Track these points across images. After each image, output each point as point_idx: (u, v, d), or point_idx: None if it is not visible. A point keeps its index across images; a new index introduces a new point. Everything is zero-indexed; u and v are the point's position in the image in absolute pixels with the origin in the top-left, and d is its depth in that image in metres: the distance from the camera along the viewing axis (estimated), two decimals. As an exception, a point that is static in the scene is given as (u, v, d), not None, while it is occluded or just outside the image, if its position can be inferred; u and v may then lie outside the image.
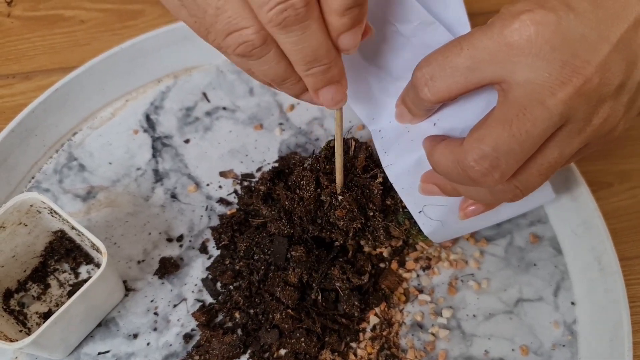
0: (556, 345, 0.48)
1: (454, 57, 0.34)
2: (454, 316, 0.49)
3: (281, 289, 0.45)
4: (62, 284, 0.49)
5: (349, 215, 0.45)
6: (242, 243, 0.48)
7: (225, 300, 0.48)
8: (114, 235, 0.51)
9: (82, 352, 0.46)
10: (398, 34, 0.39)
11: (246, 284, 0.47)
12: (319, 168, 0.47)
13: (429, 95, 0.36)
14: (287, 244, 0.46)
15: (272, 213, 0.48)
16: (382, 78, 0.43)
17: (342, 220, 0.45)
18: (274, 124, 0.57)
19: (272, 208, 0.48)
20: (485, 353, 0.48)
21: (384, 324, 0.48)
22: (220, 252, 0.50)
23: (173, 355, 0.46)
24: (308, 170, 0.46)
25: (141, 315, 0.48)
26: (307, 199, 0.45)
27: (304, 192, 0.46)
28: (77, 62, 0.57)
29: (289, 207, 0.46)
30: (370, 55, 0.42)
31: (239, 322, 0.47)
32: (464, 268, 0.51)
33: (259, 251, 0.48)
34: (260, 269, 0.47)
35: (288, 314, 0.45)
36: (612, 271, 0.48)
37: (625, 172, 0.57)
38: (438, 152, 0.38)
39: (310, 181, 0.45)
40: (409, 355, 0.47)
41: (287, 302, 0.45)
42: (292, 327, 0.45)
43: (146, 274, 0.50)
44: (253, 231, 0.49)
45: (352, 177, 0.46)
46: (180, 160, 0.55)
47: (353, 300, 0.46)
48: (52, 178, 0.54)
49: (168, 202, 0.53)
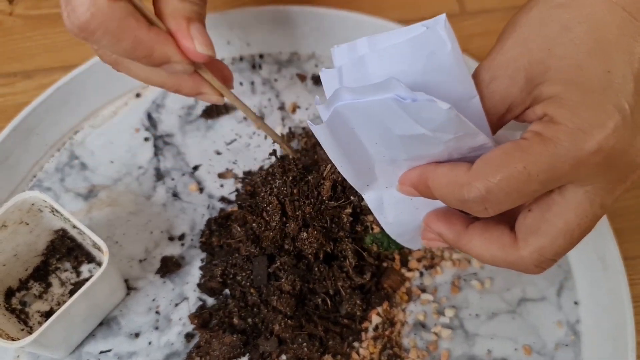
0: (559, 345, 0.48)
1: (522, 185, 0.30)
2: (456, 316, 0.49)
3: (277, 298, 0.45)
4: (63, 282, 0.49)
5: (317, 244, 0.45)
6: (217, 268, 0.48)
7: (220, 307, 0.47)
8: (116, 234, 0.51)
9: (84, 351, 0.46)
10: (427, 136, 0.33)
11: (240, 294, 0.47)
12: (286, 193, 0.45)
13: (489, 213, 0.32)
14: (266, 261, 0.46)
15: (240, 234, 0.47)
16: (388, 153, 0.35)
17: (310, 248, 0.45)
18: (276, 122, 0.57)
19: (241, 229, 0.48)
20: (488, 353, 0.47)
21: (386, 323, 0.48)
22: (206, 254, 0.50)
23: (175, 354, 0.46)
24: (275, 196, 0.45)
25: (143, 314, 0.48)
26: (272, 228, 0.45)
27: (271, 218, 0.45)
28: (79, 60, 0.57)
29: (257, 230, 0.46)
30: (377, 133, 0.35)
31: (238, 328, 0.46)
32: (466, 267, 0.51)
33: (236, 272, 0.47)
34: (241, 291, 0.47)
35: (287, 324, 0.44)
36: (615, 270, 0.48)
37: (629, 171, 0.57)
38: (483, 247, 0.35)
39: (276, 210, 0.45)
40: (411, 355, 0.47)
41: (285, 310, 0.44)
42: (292, 335, 0.45)
43: (148, 272, 0.50)
44: (225, 253, 0.49)
45: (319, 205, 0.45)
46: (181, 159, 0.55)
47: (355, 299, 0.46)
48: (54, 177, 0.54)
49: (170, 200, 0.53)
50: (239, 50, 0.60)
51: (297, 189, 0.45)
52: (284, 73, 0.60)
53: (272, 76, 0.60)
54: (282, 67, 0.60)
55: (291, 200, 0.45)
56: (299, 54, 0.61)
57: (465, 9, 0.66)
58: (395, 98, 0.30)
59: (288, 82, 0.60)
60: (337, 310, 0.47)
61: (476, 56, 0.61)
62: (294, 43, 0.61)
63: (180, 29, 0.36)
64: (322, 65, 0.61)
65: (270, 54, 0.61)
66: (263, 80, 0.60)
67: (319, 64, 0.61)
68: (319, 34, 0.60)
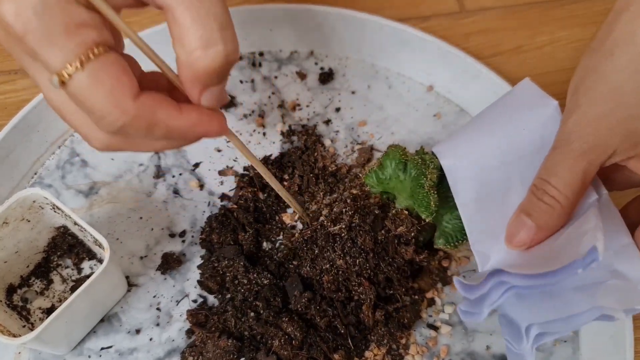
0: (558, 341, 0.48)
1: None
2: (456, 312, 0.49)
3: (289, 320, 0.44)
4: (65, 279, 0.49)
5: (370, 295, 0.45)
6: (211, 283, 0.48)
7: (218, 312, 0.47)
8: (116, 231, 0.51)
9: (85, 347, 0.47)
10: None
11: (240, 303, 0.47)
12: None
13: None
14: (299, 281, 0.46)
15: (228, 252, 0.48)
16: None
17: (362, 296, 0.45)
18: (275, 119, 0.57)
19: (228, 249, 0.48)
20: (487, 349, 0.48)
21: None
22: (205, 251, 0.50)
23: (175, 350, 0.46)
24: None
25: (144, 310, 0.48)
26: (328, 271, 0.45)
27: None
28: (80, 58, 0.57)
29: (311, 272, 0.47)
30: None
31: (235, 335, 0.46)
32: (466, 264, 0.51)
33: (236, 275, 0.47)
34: (242, 299, 0.47)
35: (287, 342, 0.44)
36: (614, 267, 0.48)
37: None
38: None
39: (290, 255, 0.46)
40: (411, 351, 0.47)
41: (295, 334, 0.44)
42: (291, 355, 0.44)
43: (149, 269, 0.50)
44: (215, 267, 0.49)
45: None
46: (182, 156, 0.55)
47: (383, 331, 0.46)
48: (55, 174, 0.54)
49: (170, 197, 0.53)
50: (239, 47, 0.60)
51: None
52: (284, 71, 0.60)
53: (272, 74, 0.60)
54: (282, 65, 0.61)
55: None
56: (299, 51, 0.61)
57: (465, 7, 0.66)
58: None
59: (288, 80, 0.60)
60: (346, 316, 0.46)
61: (476, 53, 0.61)
62: (293, 41, 0.61)
63: (197, 104, 0.34)
64: (322, 63, 0.61)
65: (270, 52, 0.61)
66: (263, 77, 0.60)
67: (318, 61, 0.61)
68: (319, 32, 0.60)
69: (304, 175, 0.53)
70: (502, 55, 0.63)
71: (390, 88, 0.60)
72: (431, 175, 0.43)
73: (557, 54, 0.63)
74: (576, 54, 0.63)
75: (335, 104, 0.59)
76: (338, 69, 0.61)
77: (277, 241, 0.51)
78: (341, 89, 0.59)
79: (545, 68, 0.62)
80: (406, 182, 0.44)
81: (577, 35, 0.65)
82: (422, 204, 0.43)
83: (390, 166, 0.45)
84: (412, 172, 0.44)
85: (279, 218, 0.52)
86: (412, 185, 0.44)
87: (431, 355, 0.47)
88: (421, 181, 0.43)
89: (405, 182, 0.44)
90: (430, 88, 0.60)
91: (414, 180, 0.43)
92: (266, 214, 0.52)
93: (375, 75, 0.60)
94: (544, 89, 0.42)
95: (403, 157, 0.45)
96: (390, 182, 0.45)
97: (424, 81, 0.60)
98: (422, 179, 0.43)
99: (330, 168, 0.54)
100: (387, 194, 0.47)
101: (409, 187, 0.44)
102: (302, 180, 0.53)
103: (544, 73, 0.62)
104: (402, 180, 0.44)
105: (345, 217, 0.45)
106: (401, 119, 0.58)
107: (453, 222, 0.44)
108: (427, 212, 0.43)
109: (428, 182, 0.42)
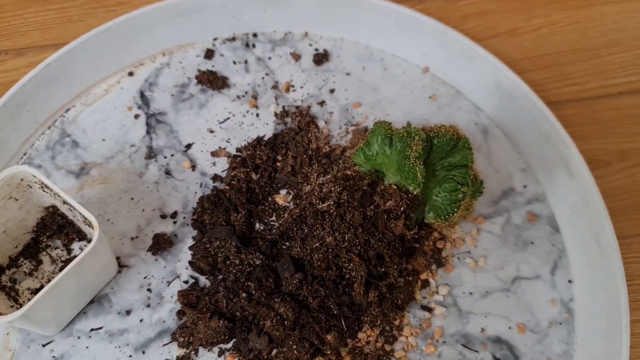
0: (553, 323, 0.48)
1: None
2: (450, 293, 0.48)
3: (281, 301, 0.44)
4: (54, 260, 0.48)
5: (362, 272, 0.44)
6: (203, 263, 0.48)
7: (209, 292, 0.47)
8: (107, 212, 0.51)
9: (75, 328, 0.46)
10: None
11: (232, 284, 0.46)
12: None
13: None
14: (291, 262, 0.46)
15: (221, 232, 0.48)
16: None
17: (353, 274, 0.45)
18: (269, 100, 0.57)
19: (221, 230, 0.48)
20: (482, 331, 0.47)
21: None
22: (197, 232, 0.50)
23: (166, 331, 0.46)
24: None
25: (134, 291, 0.48)
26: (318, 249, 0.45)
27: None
28: (71, 38, 0.56)
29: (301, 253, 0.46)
30: None
31: (226, 315, 0.45)
32: (461, 246, 0.50)
33: (228, 255, 0.47)
34: (234, 280, 0.46)
35: (279, 322, 0.43)
36: (610, 249, 0.48)
37: (624, 151, 0.56)
38: None
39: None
40: (404, 332, 0.46)
41: (288, 314, 0.43)
42: (283, 335, 0.43)
43: (140, 250, 0.49)
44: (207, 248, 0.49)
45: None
46: (174, 136, 0.54)
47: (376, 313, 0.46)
48: (45, 154, 0.53)
49: (162, 178, 0.52)
50: (232, 29, 0.60)
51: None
52: (278, 52, 0.60)
53: (266, 55, 0.59)
54: (276, 46, 0.60)
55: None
56: (293, 33, 0.61)
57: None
58: None
59: (282, 61, 0.59)
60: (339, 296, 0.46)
61: (472, 36, 0.60)
62: (288, 22, 0.60)
63: None
64: (316, 45, 0.60)
65: (264, 33, 0.60)
66: (257, 59, 0.59)
67: (312, 43, 0.60)
68: (314, 13, 0.59)
69: (297, 157, 0.52)
70: (498, 37, 0.62)
71: (385, 69, 0.59)
72: (416, 147, 0.42)
73: (553, 37, 0.62)
74: (572, 36, 0.63)
75: (330, 85, 0.58)
76: (332, 50, 0.60)
77: (269, 222, 0.50)
78: (336, 70, 0.59)
79: (541, 50, 0.61)
80: (392, 156, 0.43)
81: (573, 18, 0.64)
82: (409, 175, 0.42)
83: (376, 142, 0.44)
84: (398, 145, 0.43)
85: (271, 199, 0.51)
86: (399, 158, 0.43)
87: (425, 336, 0.47)
88: (406, 153, 0.42)
89: (392, 156, 0.43)
90: (426, 70, 0.59)
91: (400, 153, 0.43)
92: (259, 195, 0.51)
93: (370, 57, 0.60)
94: (539, 71, 0.41)
95: (388, 132, 0.44)
96: (378, 158, 0.45)
97: (419, 63, 0.59)
98: (408, 150, 0.42)
99: (324, 149, 0.53)
100: (377, 172, 0.46)
101: (395, 161, 0.43)
102: (295, 162, 0.52)
103: (540, 55, 0.61)
104: (388, 155, 0.44)
105: (334, 194, 0.44)
106: (396, 101, 0.57)
107: (442, 195, 0.44)
108: (415, 183, 0.42)
109: (413, 153, 0.42)
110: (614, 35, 0.63)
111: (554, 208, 0.53)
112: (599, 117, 0.58)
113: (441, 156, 0.44)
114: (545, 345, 0.47)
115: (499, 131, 0.56)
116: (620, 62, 0.61)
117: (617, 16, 0.64)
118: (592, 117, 0.58)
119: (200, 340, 0.45)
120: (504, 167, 0.54)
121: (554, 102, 0.58)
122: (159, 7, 0.57)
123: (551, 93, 0.59)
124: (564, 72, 0.60)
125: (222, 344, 0.45)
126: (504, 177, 0.54)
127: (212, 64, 0.58)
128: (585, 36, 0.63)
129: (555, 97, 0.59)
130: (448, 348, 0.46)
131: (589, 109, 0.58)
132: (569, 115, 0.58)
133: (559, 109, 0.57)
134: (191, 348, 0.45)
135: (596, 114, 0.58)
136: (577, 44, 0.62)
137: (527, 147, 0.55)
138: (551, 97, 0.59)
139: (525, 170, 0.54)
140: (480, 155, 0.55)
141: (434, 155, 0.44)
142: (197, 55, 0.59)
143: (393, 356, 0.45)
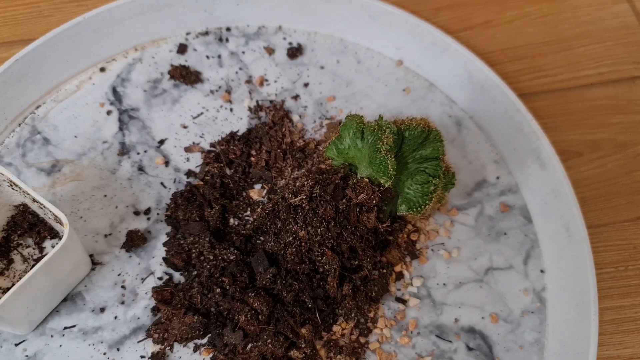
0: (525, 312, 0.48)
1: None
2: (424, 285, 0.49)
3: (255, 296, 0.44)
4: (26, 259, 0.48)
5: (335, 266, 0.44)
6: (177, 260, 0.47)
7: (184, 288, 0.46)
8: (80, 209, 0.50)
9: (48, 327, 0.46)
10: None
11: (206, 280, 0.46)
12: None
13: None
14: (265, 257, 0.46)
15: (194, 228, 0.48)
16: None
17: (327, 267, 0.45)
18: (243, 95, 0.56)
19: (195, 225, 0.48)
20: (456, 321, 0.48)
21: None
22: (171, 228, 0.50)
23: (141, 328, 0.46)
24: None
25: (108, 289, 0.47)
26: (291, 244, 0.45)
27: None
28: (41, 34, 0.55)
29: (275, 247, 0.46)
30: None
31: (200, 311, 0.45)
32: (435, 238, 0.51)
33: (202, 251, 0.47)
34: (208, 276, 0.46)
35: (254, 317, 0.43)
36: (579, 238, 0.49)
37: (595, 141, 0.57)
38: None
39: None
40: (379, 324, 0.47)
41: (262, 309, 0.43)
42: (258, 330, 0.44)
43: (113, 247, 0.49)
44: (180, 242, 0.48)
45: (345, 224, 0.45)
46: (147, 132, 0.54)
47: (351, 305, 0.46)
48: (15, 152, 0.52)
49: (135, 175, 0.52)
50: (205, 23, 0.59)
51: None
52: (251, 46, 0.59)
53: (240, 49, 0.59)
54: (249, 40, 0.60)
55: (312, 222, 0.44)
56: (267, 26, 0.60)
57: (435, -19, 0.66)
58: None
59: (256, 55, 0.59)
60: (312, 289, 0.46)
61: (445, 28, 0.60)
62: (261, 16, 0.60)
63: None
64: (290, 39, 0.60)
65: (237, 27, 0.60)
66: (230, 53, 0.59)
67: (286, 36, 0.60)
68: (287, 6, 0.59)
69: (271, 151, 0.52)
70: (472, 29, 0.62)
71: (359, 63, 0.59)
72: (387, 139, 0.42)
73: (526, 29, 0.63)
74: (545, 28, 0.63)
75: (304, 79, 0.58)
76: (307, 44, 0.60)
77: (244, 217, 0.50)
78: (310, 64, 0.59)
79: (515, 42, 0.62)
80: (364, 149, 0.44)
81: (546, 10, 0.64)
82: (380, 168, 0.42)
83: (348, 135, 0.45)
84: (369, 138, 0.43)
85: (246, 194, 0.51)
86: (370, 151, 0.43)
87: (399, 328, 0.47)
88: (378, 146, 0.42)
89: (364, 149, 0.44)
90: (400, 63, 0.59)
91: (372, 146, 0.43)
92: (233, 190, 0.51)
93: (344, 50, 0.60)
94: (512, 63, 0.42)
95: (360, 125, 0.44)
96: (350, 152, 0.45)
97: (393, 56, 0.59)
98: (379, 143, 0.42)
99: (298, 143, 0.53)
100: (350, 166, 0.46)
101: (367, 154, 0.43)
102: (269, 156, 0.52)
103: (513, 47, 0.61)
104: (360, 149, 0.44)
105: (306, 188, 0.44)
106: (370, 94, 0.57)
107: (414, 188, 0.44)
108: (386, 176, 0.42)
109: (384, 146, 0.42)
110: (585, 27, 0.64)
111: (526, 199, 0.53)
112: (571, 108, 0.59)
113: (412, 149, 0.45)
114: (518, 335, 0.48)
115: (472, 123, 0.57)
116: (591, 54, 0.62)
117: (588, 8, 0.65)
118: (564, 109, 0.59)
119: (175, 336, 0.45)
120: (477, 159, 0.55)
121: (527, 94, 0.59)
122: (131, 1, 0.56)
123: (524, 85, 0.60)
124: (537, 64, 0.61)
125: (197, 339, 0.45)
126: (477, 168, 0.55)
127: (185, 58, 0.58)
128: (557, 28, 0.63)
129: (527, 89, 0.59)
130: (422, 339, 0.47)
131: (560, 101, 0.59)
132: (541, 107, 0.58)
133: (531, 101, 0.58)
134: (166, 344, 0.45)
135: (568, 105, 0.59)
136: (549, 36, 0.63)
137: (499, 138, 0.55)
138: (524, 88, 0.59)
139: (498, 162, 0.55)
140: (453, 148, 0.55)
141: (406, 148, 0.44)
142: (170, 50, 0.58)
143: (368, 348, 0.46)
